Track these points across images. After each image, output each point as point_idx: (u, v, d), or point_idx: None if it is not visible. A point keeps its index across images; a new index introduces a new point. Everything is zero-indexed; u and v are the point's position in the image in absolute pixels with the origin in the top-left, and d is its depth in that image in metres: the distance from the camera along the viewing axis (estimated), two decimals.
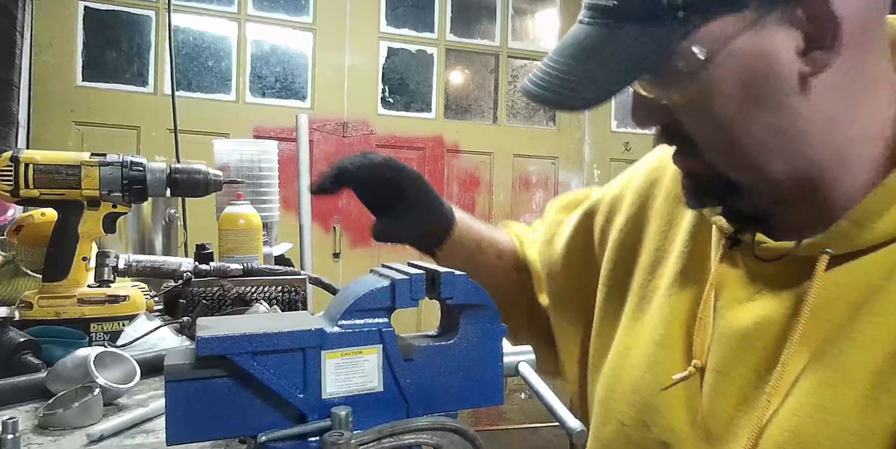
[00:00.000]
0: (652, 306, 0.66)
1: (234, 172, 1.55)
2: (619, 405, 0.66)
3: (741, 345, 0.56)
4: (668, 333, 0.62)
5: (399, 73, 3.62)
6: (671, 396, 0.60)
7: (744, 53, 0.47)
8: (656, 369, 0.62)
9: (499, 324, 0.46)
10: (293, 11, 3.37)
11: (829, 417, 0.48)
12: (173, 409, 0.39)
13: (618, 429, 0.65)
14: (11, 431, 0.58)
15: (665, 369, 0.61)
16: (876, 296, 0.49)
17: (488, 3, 3.77)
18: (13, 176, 0.96)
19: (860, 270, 0.51)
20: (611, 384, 0.69)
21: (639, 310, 0.67)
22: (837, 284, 0.51)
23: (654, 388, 0.62)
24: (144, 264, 1.19)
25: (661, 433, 0.60)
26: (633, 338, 0.67)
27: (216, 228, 1.31)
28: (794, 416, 0.50)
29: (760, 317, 0.55)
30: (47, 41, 2.91)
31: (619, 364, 0.67)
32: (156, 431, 0.69)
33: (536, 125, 3.85)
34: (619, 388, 0.66)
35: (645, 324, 0.66)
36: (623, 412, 0.65)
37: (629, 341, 0.67)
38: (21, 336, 0.88)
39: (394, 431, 0.41)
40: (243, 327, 0.40)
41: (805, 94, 0.48)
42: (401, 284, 0.43)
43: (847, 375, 0.49)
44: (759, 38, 0.46)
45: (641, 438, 0.62)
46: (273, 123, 3.25)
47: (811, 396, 0.50)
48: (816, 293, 0.51)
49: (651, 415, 0.61)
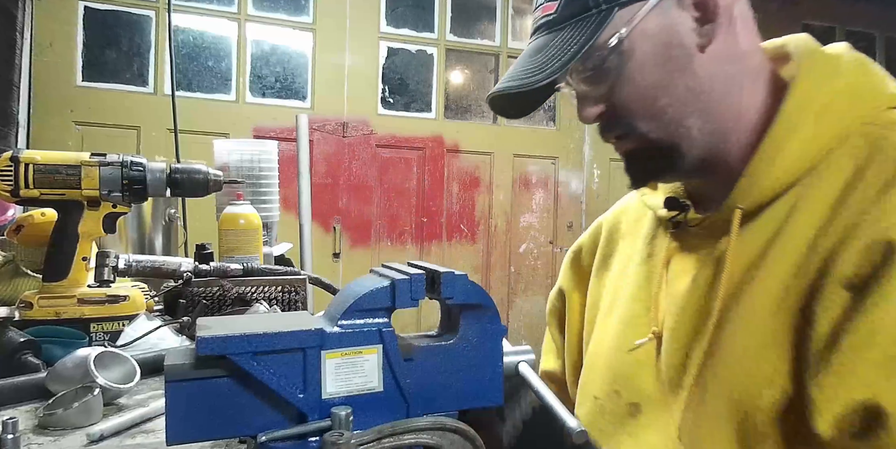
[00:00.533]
0: (619, 301, 0.76)
1: (234, 172, 1.55)
2: (594, 384, 0.75)
3: (683, 304, 0.67)
4: (633, 313, 0.73)
5: (399, 73, 3.62)
6: (637, 363, 0.70)
7: (652, 30, 0.61)
8: (624, 344, 0.72)
9: (499, 324, 0.46)
10: (293, 11, 3.37)
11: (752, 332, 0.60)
12: (173, 409, 0.39)
13: (592, 404, 0.74)
14: (11, 431, 0.58)
15: (631, 342, 0.71)
16: (777, 237, 0.61)
17: (488, 3, 3.77)
18: (13, 176, 0.96)
19: (766, 219, 0.62)
20: (588, 370, 0.78)
21: (611, 306, 0.78)
22: (752, 234, 0.62)
23: (623, 359, 0.72)
24: (144, 264, 1.19)
25: (631, 396, 0.70)
26: (605, 329, 0.77)
27: (216, 228, 1.31)
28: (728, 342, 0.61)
29: (696, 276, 0.66)
30: (47, 41, 2.91)
31: (595, 351, 0.78)
32: (156, 431, 0.69)
33: (536, 125, 3.85)
34: (594, 370, 0.76)
35: (614, 315, 0.76)
36: (597, 387, 0.74)
37: (602, 332, 0.78)
38: (21, 336, 0.88)
39: (394, 431, 0.41)
40: (243, 327, 0.40)
41: (703, 60, 0.62)
42: (401, 284, 0.43)
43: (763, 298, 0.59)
44: (662, 18, 0.61)
45: (614, 407, 0.72)
46: (273, 123, 3.25)
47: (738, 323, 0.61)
48: (736, 244, 0.62)
49: (621, 382, 0.71)
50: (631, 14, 0.60)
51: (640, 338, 0.70)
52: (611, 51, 0.61)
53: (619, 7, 0.60)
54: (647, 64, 0.61)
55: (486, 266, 3.71)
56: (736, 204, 0.63)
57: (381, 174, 3.50)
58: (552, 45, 0.63)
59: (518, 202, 3.78)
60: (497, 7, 3.76)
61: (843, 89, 0.62)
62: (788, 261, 0.59)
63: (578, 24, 0.61)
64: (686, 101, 0.62)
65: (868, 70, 0.64)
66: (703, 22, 0.61)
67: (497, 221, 3.73)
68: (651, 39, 0.61)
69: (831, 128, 0.61)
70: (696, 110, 0.63)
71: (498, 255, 3.74)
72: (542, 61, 0.62)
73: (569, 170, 3.86)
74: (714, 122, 0.63)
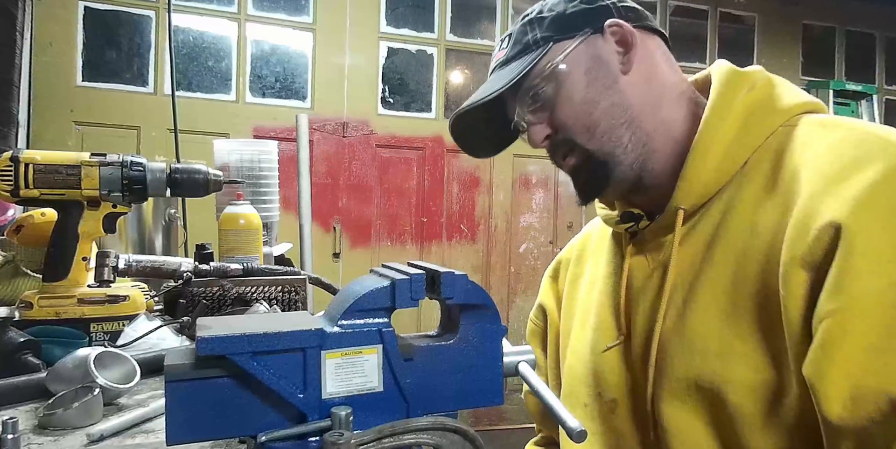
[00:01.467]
0: (591, 312, 0.82)
1: (234, 172, 1.54)
2: (579, 391, 0.80)
3: (643, 302, 0.74)
4: (603, 319, 0.79)
5: (399, 73, 3.62)
6: (611, 362, 0.76)
7: (582, 58, 0.72)
8: (599, 347, 0.78)
9: (499, 324, 0.46)
10: (293, 11, 3.37)
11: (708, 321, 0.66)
12: (173, 409, 0.38)
13: (581, 412, 0.79)
14: (11, 431, 0.58)
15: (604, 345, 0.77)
16: (719, 231, 0.68)
17: (488, 3, 3.77)
18: (13, 176, 0.96)
19: (706, 217, 0.70)
20: (569, 379, 0.83)
21: (583, 319, 0.84)
22: (695, 231, 0.70)
23: (597, 361, 0.78)
24: (144, 264, 1.19)
25: (609, 392, 0.76)
26: (581, 338, 0.83)
27: (216, 228, 1.31)
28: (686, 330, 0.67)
29: (650, 274, 0.74)
30: (47, 41, 2.91)
31: (573, 361, 0.83)
32: (156, 431, 0.69)
33: None
34: (576, 377, 0.81)
35: (588, 325, 0.82)
36: (583, 394, 0.80)
37: (578, 342, 0.83)
38: (21, 336, 0.88)
39: (394, 431, 0.41)
40: (243, 327, 0.40)
41: (627, 80, 0.72)
42: (401, 284, 0.43)
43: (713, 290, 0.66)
44: (590, 49, 0.73)
45: (600, 408, 0.77)
46: (273, 123, 3.25)
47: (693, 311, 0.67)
48: (680, 241, 0.70)
49: (600, 383, 0.77)
50: (564, 47, 0.72)
51: (611, 341, 0.77)
52: (548, 76, 0.72)
53: (553, 42, 0.72)
54: (579, 84, 0.72)
55: (486, 266, 3.71)
56: (677, 205, 0.71)
57: (381, 174, 3.50)
58: (500, 76, 0.75)
59: (518, 202, 3.78)
60: (497, 7, 3.76)
61: (757, 99, 0.71)
62: (733, 248, 0.66)
63: (522, 57, 0.73)
64: (614, 114, 0.72)
65: (778, 83, 0.74)
66: (623, 51, 0.72)
67: (497, 221, 3.73)
68: (581, 65, 0.72)
69: (751, 132, 0.70)
70: (625, 122, 0.72)
71: (498, 255, 3.74)
72: (490, 87, 0.74)
73: None
74: (642, 133, 0.72)
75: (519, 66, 0.73)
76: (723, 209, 0.69)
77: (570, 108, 0.72)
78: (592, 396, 0.78)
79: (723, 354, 0.64)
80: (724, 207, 0.69)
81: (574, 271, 0.91)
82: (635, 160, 0.73)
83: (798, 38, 4.41)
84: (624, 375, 0.75)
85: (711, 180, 0.70)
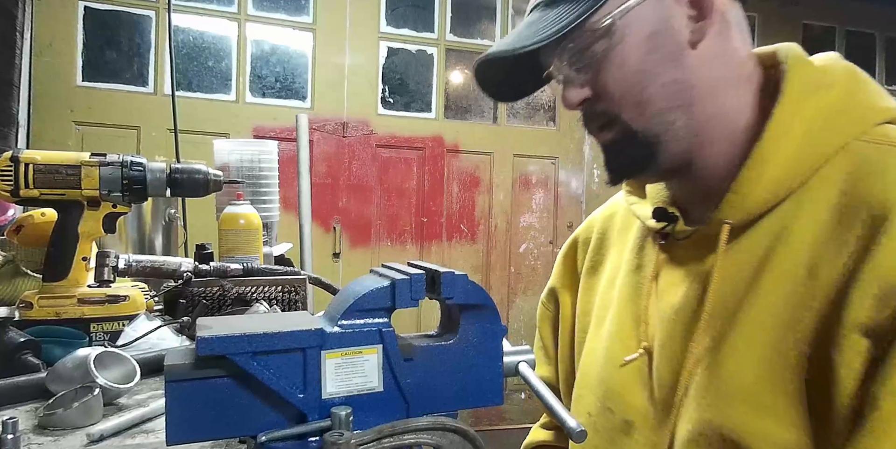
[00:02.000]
0: (609, 313, 0.75)
1: (234, 172, 1.54)
2: (587, 399, 0.74)
3: (674, 319, 0.65)
4: (622, 326, 0.72)
5: (399, 73, 3.62)
6: (627, 378, 0.69)
7: (646, 17, 0.60)
8: (614, 359, 0.71)
9: (499, 324, 0.46)
10: (293, 11, 3.37)
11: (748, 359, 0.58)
12: (173, 409, 0.38)
13: (585, 421, 0.73)
14: (11, 431, 0.58)
15: (622, 358, 0.70)
16: (770, 256, 0.59)
17: (488, 3, 3.77)
18: (13, 176, 0.96)
19: (756, 236, 0.61)
20: (580, 384, 0.77)
21: (601, 318, 0.77)
22: (741, 251, 0.61)
23: (613, 374, 0.70)
24: (144, 264, 1.19)
25: (623, 412, 0.69)
26: (596, 341, 0.76)
27: (216, 228, 1.31)
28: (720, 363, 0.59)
29: (685, 291, 0.65)
30: (47, 41, 2.91)
31: (586, 364, 0.77)
32: (156, 431, 0.69)
33: (536, 125, 3.85)
34: (586, 385, 0.75)
35: (604, 327, 0.75)
36: (590, 403, 0.73)
37: (593, 345, 0.76)
38: (21, 336, 0.88)
39: (394, 431, 0.41)
40: (243, 327, 0.40)
41: (693, 55, 0.61)
42: (401, 284, 0.43)
43: (758, 324, 0.58)
44: (657, 8, 0.61)
45: (606, 423, 0.71)
46: (273, 123, 3.25)
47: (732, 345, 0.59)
48: (723, 260, 0.61)
49: (612, 399, 0.70)
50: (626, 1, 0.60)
51: (629, 352, 0.69)
52: (602, 31, 0.60)
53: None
54: (636, 50, 0.61)
55: (486, 266, 3.71)
56: (724, 218, 0.62)
57: (381, 174, 3.49)
58: (544, 18, 0.62)
59: (518, 202, 3.78)
60: (497, 7, 3.76)
61: (832, 103, 0.60)
62: (784, 286, 0.57)
63: (574, 3, 0.61)
64: (672, 94, 0.61)
65: (859, 82, 0.62)
66: (696, 19, 0.61)
67: (497, 221, 3.73)
68: (643, 26, 0.60)
69: (820, 144, 0.59)
70: (682, 105, 0.62)
71: (498, 255, 3.73)
72: (532, 32, 0.61)
73: (569, 170, 3.86)
74: (698, 121, 0.62)
75: (569, 14, 0.60)
76: (776, 231, 0.59)
77: (622, 77, 0.61)
78: (599, 409, 0.72)
79: (756, 405, 0.56)
80: (778, 230, 0.59)
81: (593, 259, 0.82)
82: (683, 150, 0.63)
83: (798, 39, 4.41)
84: (642, 397, 0.67)
85: (767, 196, 0.60)
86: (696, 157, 0.64)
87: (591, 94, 0.64)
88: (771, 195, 0.60)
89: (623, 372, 0.69)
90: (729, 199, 0.61)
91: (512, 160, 3.74)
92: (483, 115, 3.78)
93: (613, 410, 0.70)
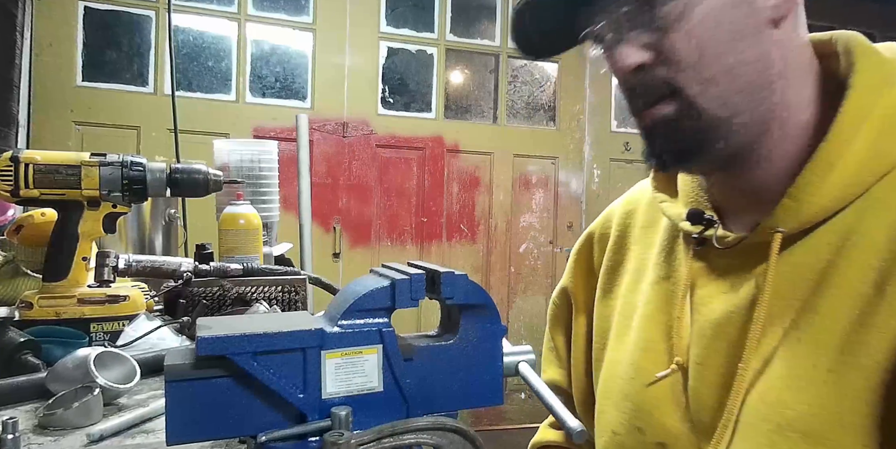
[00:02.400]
0: (634, 321, 0.68)
1: (234, 172, 1.54)
2: (610, 415, 0.68)
3: (715, 334, 0.59)
4: (650, 337, 0.65)
5: (399, 73, 3.62)
6: (659, 396, 0.62)
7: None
8: (642, 374, 0.64)
9: (499, 324, 0.46)
10: (293, 11, 3.37)
11: (803, 385, 0.51)
12: (173, 409, 0.38)
13: (610, 439, 0.67)
14: (11, 431, 0.58)
15: (651, 373, 0.63)
16: (830, 270, 0.53)
17: (488, 3, 3.76)
18: (13, 176, 0.96)
19: (812, 247, 0.54)
20: (603, 397, 0.71)
21: (624, 326, 0.70)
22: (794, 263, 0.55)
23: (642, 392, 0.64)
24: (144, 264, 1.19)
25: (656, 434, 0.62)
26: (619, 352, 0.69)
27: (216, 228, 1.31)
28: (771, 388, 0.53)
29: (730, 305, 0.58)
30: (47, 41, 2.91)
31: (609, 376, 0.70)
32: (156, 431, 0.69)
33: (536, 125, 3.85)
34: (610, 399, 0.69)
35: (629, 336, 0.68)
36: (614, 421, 0.67)
37: (617, 355, 0.70)
38: (21, 336, 0.88)
39: (394, 431, 0.41)
40: (243, 327, 0.40)
41: (772, 35, 0.54)
42: (401, 284, 0.43)
43: (816, 346, 0.52)
44: None
45: (637, 444, 0.64)
46: (273, 123, 3.25)
47: (785, 368, 0.53)
48: (775, 272, 0.55)
49: (643, 418, 0.63)
50: None
51: (658, 367, 0.63)
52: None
53: None
54: (720, 16, 0.53)
55: (486, 266, 3.71)
56: (776, 226, 0.55)
57: (381, 174, 3.49)
58: None
59: (518, 202, 3.78)
60: (497, 7, 3.76)
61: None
62: (848, 306, 0.51)
63: None
64: (749, 74, 0.54)
65: None
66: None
67: (497, 221, 3.72)
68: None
69: (888, 146, 0.53)
70: (757, 89, 0.54)
71: (498, 255, 3.73)
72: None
73: (569, 170, 3.86)
74: (768, 110, 0.55)
75: None
76: (836, 243, 0.53)
77: (697, 43, 0.53)
78: (627, 428, 0.65)
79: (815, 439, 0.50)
80: (837, 241, 0.53)
81: (613, 258, 0.75)
82: (745, 142, 0.56)
83: None
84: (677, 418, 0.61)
85: (828, 204, 0.53)
86: (755, 152, 0.57)
87: (651, 58, 0.55)
88: (832, 203, 0.53)
89: (653, 389, 0.63)
90: (785, 204, 0.54)
91: (512, 160, 3.74)
92: (483, 115, 3.78)
93: (644, 431, 0.63)
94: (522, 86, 3.85)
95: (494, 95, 3.78)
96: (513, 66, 3.82)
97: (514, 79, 3.83)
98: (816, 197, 0.53)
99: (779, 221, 0.55)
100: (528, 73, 3.87)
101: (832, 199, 0.53)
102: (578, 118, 3.87)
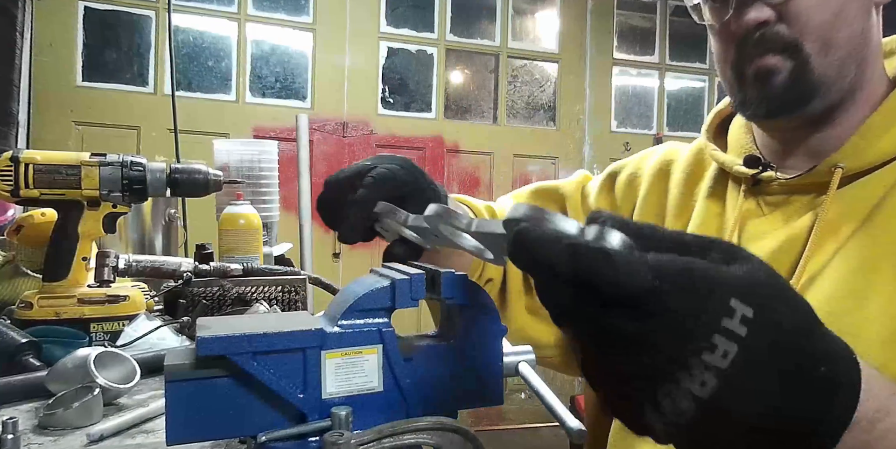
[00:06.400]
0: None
1: (234, 172, 1.54)
2: None
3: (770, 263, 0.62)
4: None
5: (399, 73, 3.62)
6: None
7: None
8: None
9: (499, 324, 0.46)
10: (293, 11, 3.37)
11: (862, 300, 0.55)
12: (173, 409, 0.38)
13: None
14: (11, 431, 0.58)
15: None
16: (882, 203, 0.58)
17: (488, 3, 3.76)
18: (13, 176, 0.96)
19: (868, 185, 0.60)
20: None
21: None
22: (851, 197, 0.60)
23: None
24: (144, 264, 1.19)
25: None
26: None
27: (216, 227, 1.31)
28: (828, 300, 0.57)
29: (784, 236, 0.63)
30: (47, 41, 2.91)
31: None
32: (156, 431, 0.69)
33: (536, 125, 3.85)
34: None
35: None
36: None
37: None
38: (22, 337, 0.87)
39: (394, 431, 0.41)
40: (243, 327, 0.40)
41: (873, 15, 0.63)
42: (401, 284, 0.43)
43: (873, 264, 0.56)
44: None
45: None
46: (273, 123, 3.25)
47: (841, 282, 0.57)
48: (832, 202, 0.60)
49: None
50: None
51: None
52: None
53: None
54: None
55: None
56: (839, 163, 0.61)
57: None
58: None
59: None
60: (497, 7, 3.76)
61: None
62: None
63: None
64: (857, 44, 0.62)
65: None
66: None
67: None
68: None
69: None
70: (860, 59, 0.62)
71: None
72: None
73: (569, 170, 3.86)
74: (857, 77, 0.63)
75: None
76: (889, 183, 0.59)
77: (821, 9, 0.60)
78: None
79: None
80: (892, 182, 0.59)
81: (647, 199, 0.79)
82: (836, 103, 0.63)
83: None
84: None
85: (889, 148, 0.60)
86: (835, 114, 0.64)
87: (773, 17, 0.61)
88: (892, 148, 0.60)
89: None
90: (853, 141, 0.61)
91: (512, 160, 3.74)
92: (483, 115, 3.78)
93: None
94: (522, 86, 3.85)
95: (494, 95, 3.78)
96: (513, 66, 3.82)
97: (514, 79, 3.83)
98: (883, 139, 0.60)
99: (844, 157, 0.61)
100: (528, 73, 3.87)
101: (893, 143, 0.60)
102: (578, 118, 3.87)
